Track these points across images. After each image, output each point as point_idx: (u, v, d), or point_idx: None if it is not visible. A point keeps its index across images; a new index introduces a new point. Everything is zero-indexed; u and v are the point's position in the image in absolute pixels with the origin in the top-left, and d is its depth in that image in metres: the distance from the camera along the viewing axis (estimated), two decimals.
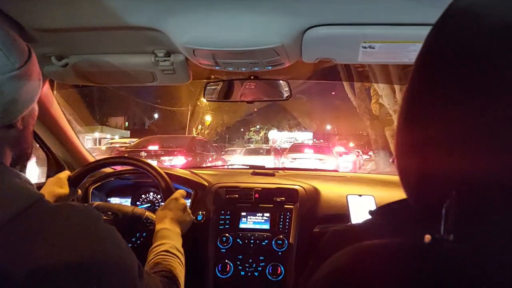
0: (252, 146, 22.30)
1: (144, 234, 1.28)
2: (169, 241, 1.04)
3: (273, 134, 39.22)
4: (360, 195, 1.14)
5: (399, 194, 0.44)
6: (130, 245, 1.09)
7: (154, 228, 1.10)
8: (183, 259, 1.03)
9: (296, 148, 13.90)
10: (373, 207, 1.12)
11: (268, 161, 14.63)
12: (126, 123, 35.82)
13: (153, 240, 1.05)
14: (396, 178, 0.42)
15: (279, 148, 19.64)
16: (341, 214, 1.20)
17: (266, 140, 40.20)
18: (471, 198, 0.34)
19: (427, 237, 0.36)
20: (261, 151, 17.14)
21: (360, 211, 1.11)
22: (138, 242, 1.28)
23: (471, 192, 0.33)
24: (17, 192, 0.61)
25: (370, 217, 0.57)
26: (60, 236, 0.59)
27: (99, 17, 1.00)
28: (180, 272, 0.97)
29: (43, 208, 0.61)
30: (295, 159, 11.85)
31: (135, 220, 1.29)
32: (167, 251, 0.99)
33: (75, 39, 1.13)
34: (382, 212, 0.57)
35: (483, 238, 0.34)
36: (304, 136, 38.53)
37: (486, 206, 0.33)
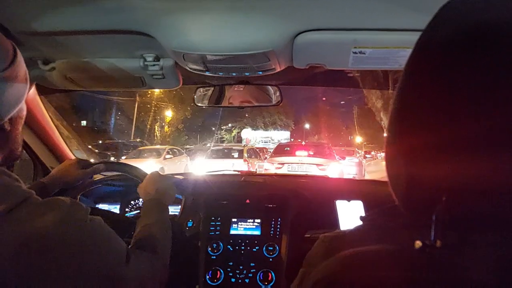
0: (214, 148, 14.89)
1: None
2: (154, 214, 1.06)
3: (247, 133, 37.55)
4: (348, 200, 1.14)
5: (387, 198, 0.44)
6: None
7: None
8: (169, 229, 1.05)
9: (284, 149, 9.96)
10: (362, 212, 1.12)
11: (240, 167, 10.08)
12: None
13: (140, 213, 1.09)
14: (384, 180, 0.42)
15: (253, 148, 14.68)
16: (331, 220, 1.20)
17: (239, 139, 38.33)
18: (460, 204, 0.34)
19: (417, 243, 0.36)
20: (233, 153, 12.51)
21: (349, 216, 1.10)
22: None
23: (461, 198, 0.33)
24: (7, 190, 0.63)
25: (359, 222, 0.56)
26: (49, 229, 0.62)
27: (86, 21, 0.98)
28: (167, 244, 1.00)
29: (33, 205, 0.64)
30: (283, 164, 8.51)
31: (125, 228, 1.27)
32: (152, 224, 1.01)
33: (62, 43, 1.11)
34: (372, 218, 0.57)
35: (472, 244, 0.34)
36: (281, 136, 37.14)
37: (475, 212, 0.34)
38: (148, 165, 10.29)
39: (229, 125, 41.86)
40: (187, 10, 0.93)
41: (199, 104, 1.53)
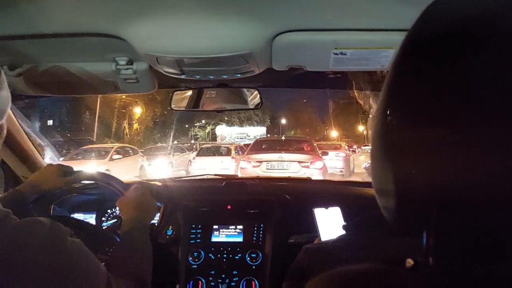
0: (204, 146, 15.23)
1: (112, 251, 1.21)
2: (135, 235, 1.02)
3: (221, 129, 36.86)
4: (326, 208, 1.13)
5: (365, 201, 0.42)
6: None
7: None
8: (150, 251, 1.01)
9: (261, 145, 9.13)
10: (340, 219, 1.11)
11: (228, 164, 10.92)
12: None
13: (119, 231, 1.05)
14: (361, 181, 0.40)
15: (240, 145, 14.66)
16: (310, 227, 1.19)
17: (213, 136, 37.75)
18: (452, 218, 0.32)
19: (409, 262, 0.34)
20: (222, 150, 12.76)
21: (328, 224, 1.09)
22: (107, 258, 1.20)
23: (453, 211, 0.32)
24: None
25: (340, 230, 0.55)
26: (27, 252, 0.60)
27: (53, 24, 0.93)
28: (148, 269, 0.97)
29: (9, 226, 0.62)
30: (261, 162, 7.76)
31: (102, 240, 1.21)
32: (133, 247, 0.97)
33: (29, 47, 1.06)
34: (355, 227, 0.55)
35: (465, 261, 0.33)
36: (257, 131, 36.46)
37: (466, 224, 0.32)
38: (89, 167, 9.22)
39: (203, 121, 41.04)
40: (160, 12, 0.88)
41: (176, 109, 1.48)
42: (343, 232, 0.55)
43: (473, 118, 0.29)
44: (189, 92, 1.54)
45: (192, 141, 30.22)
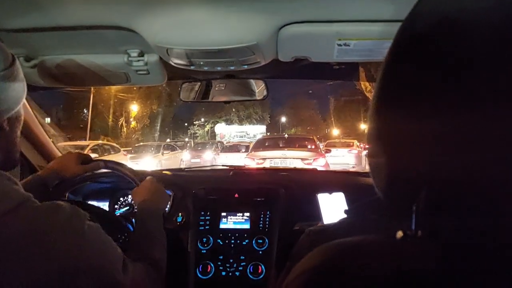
0: (226, 144, 17.47)
1: (124, 238, 1.25)
2: (150, 223, 1.06)
3: (220, 128, 36.46)
4: (330, 193, 1.15)
5: (369, 189, 0.44)
6: None
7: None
8: (164, 240, 1.05)
9: (265, 143, 9.41)
10: (344, 204, 1.13)
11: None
12: None
13: (135, 221, 1.08)
14: (365, 171, 0.42)
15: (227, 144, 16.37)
16: (314, 213, 1.21)
17: (212, 135, 37.29)
18: (441, 195, 0.34)
19: (399, 234, 0.36)
20: (241, 148, 14.56)
21: (331, 209, 1.11)
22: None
23: (441, 188, 0.34)
24: (6, 193, 0.63)
25: (343, 215, 0.57)
26: (47, 235, 0.62)
27: (68, 16, 0.97)
28: (162, 255, 1.00)
29: (31, 208, 0.63)
30: (264, 159, 7.95)
31: (115, 226, 1.26)
32: (148, 234, 1.02)
33: (44, 39, 1.10)
34: (356, 211, 0.57)
35: (452, 234, 0.34)
36: (256, 130, 36.07)
37: (455, 203, 0.34)
38: None
39: (202, 119, 40.72)
40: (171, 5, 0.92)
41: (185, 100, 1.52)
42: (346, 216, 0.57)
43: (464, 103, 0.30)
44: (198, 84, 1.57)
45: (186, 139, 29.68)
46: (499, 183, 0.31)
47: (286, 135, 10.39)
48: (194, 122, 40.92)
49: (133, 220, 1.25)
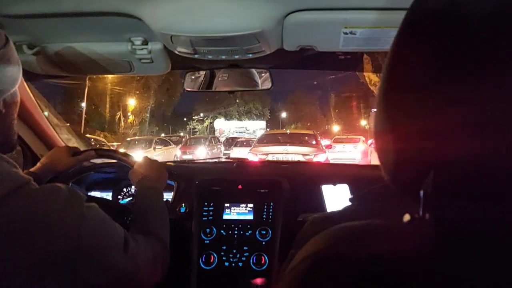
0: (239, 139, 17.45)
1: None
2: (149, 197, 1.06)
3: (220, 123, 35.83)
4: (334, 184, 1.14)
5: (373, 180, 0.44)
6: None
7: None
8: (166, 215, 1.06)
9: (267, 139, 9.83)
10: (349, 195, 1.13)
11: None
12: None
13: (135, 199, 1.08)
14: (369, 164, 0.42)
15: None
16: (319, 204, 1.20)
17: (211, 130, 36.91)
18: (448, 178, 0.33)
19: (406, 217, 0.36)
20: (251, 142, 13.97)
21: (335, 200, 1.10)
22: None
23: (449, 172, 0.33)
24: (5, 175, 0.63)
25: (347, 204, 0.56)
26: (46, 216, 0.63)
27: (72, 2, 0.96)
28: (166, 230, 1.01)
29: (31, 190, 0.65)
30: (267, 154, 8.16)
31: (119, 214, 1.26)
32: (149, 209, 1.02)
33: (47, 26, 1.09)
34: (361, 198, 0.57)
35: (460, 217, 0.34)
36: (256, 125, 35.55)
37: (463, 186, 0.33)
38: None
39: (201, 115, 40.50)
40: None
41: (189, 89, 1.51)
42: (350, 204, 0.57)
43: (471, 84, 0.30)
44: (202, 74, 1.56)
45: (182, 134, 29.18)
46: (508, 167, 0.30)
47: (288, 131, 10.80)
48: (193, 117, 40.80)
49: None
